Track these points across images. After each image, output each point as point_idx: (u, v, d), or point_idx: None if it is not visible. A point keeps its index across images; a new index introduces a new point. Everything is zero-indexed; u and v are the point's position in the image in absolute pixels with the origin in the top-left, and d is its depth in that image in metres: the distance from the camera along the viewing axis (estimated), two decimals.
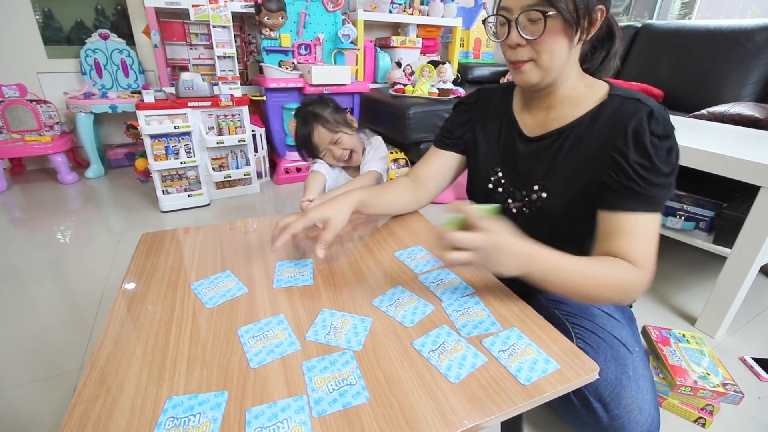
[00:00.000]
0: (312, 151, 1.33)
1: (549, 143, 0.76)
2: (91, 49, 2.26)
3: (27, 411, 0.86)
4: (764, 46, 1.90)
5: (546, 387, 0.48)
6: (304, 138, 1.30)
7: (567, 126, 0.74)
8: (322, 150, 1.32)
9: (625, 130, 0.66)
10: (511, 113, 0.84)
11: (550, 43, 0.65)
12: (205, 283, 0.70)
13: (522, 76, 0.70)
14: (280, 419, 0.45)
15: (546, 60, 0.67)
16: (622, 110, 0.69)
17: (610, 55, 0.76)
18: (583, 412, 0.71)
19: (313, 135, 1.29)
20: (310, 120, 1.29)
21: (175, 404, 0.47)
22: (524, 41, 0.66)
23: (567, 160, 0.74)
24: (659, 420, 0.71)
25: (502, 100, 0.87)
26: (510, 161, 0.82)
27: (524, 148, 0.80)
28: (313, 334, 0.58)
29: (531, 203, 0.78)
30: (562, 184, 0.74)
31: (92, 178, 2.28)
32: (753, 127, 1.56)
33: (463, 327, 0.59)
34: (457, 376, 0.50)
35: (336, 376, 0.51)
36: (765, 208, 0.99)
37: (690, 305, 1.28)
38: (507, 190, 0.82)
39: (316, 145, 1.30)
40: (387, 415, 0.45)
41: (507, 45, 0.69)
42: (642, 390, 0.69)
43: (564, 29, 0.64)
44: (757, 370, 1.02)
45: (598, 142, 0.70)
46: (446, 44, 3.04)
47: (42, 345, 1.05)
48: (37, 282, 1.32)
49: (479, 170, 0.88)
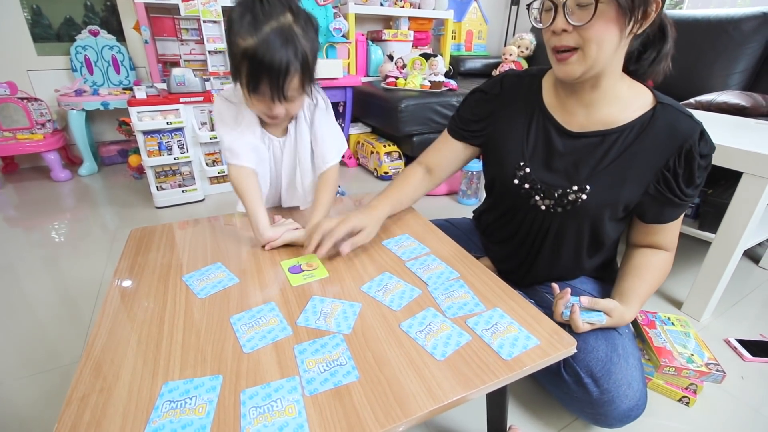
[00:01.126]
0: (259, 93, 0.74)
1: (594, 143, 0.73)
2: (81, 46, 2.25)
3: (25, 404, 0.87)
4: (751, 35, 1.93)
5: (527, 361, 0.51)
6: (267, 66, 0.69)
7: (614, 129, 0.71)
8: (263, 96, 0.75)
9: (680, 150, 0.68)
10: (544, 107, 0.78)
11: (600, 30, 0.60)
12: (197, 274, 0.71)
13: (566, 69, 0.65)
14: (274, 399, 0.47)
15: (593, 50, 0.62)
16: (676, 126, 0.69)
17: (660, 56, 0.71)
18: (575, 387, 0.74)
19: (286, 80, 0.72)
20: (292, 46, 0.69)
21: (171, 389, 0.48)
22: (571, 27, 0.61)
23: (615, 166, 0.72)
24: (647, 396, 0.74)
25: (531, 89, 0.81)
26: (543, 157, 0.78)
27: (563, 144, 0.76)
28: (304, 319, 0.60)
29: (567, 203, 0.75)
30: (606, 188, 0.73)
31: (86, 176, 2.27)
32: (739, 115, 1.59)
33: (449, 309, 0.61)
34: (442, 354, 0.52)
35: (327, 357, 0.53)
36: (747, 193, 1.02)
37: (676, 290, 1.31)
38: (535, 188, 0.78)
39: (278, 88, 0.72)
40: (376, 391, 0.47)
41: (551, 31, 0.63)
42: (631, 367, 0.73)
43: (617, 17, 0.59)
44: (741, 350, 1.05)
45: (651, 154, 0.70)
46: (438, 37, 3.04)
47: (39, 340, 1.06)
48: (33, 280, 1.33)
49: (502, 165, 0.83)
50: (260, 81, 0.71)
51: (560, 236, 0.81)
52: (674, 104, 0.71)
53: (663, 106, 0.70)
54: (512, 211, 0.86)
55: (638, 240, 0.84)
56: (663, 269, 0.81)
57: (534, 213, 0.81)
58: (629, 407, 0.71)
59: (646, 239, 0.82)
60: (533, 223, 0.82)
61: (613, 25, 0.60)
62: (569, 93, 0.75)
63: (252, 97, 0.76)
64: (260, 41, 0.67)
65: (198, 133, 1.87)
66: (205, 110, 1.91)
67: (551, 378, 0.79)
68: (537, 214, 0.80)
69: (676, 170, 0.69)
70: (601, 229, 0.78)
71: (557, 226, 0.80)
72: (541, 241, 0.84)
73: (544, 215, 0.80)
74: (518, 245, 0.88)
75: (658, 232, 0.80)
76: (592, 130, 0.73)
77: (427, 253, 0.77)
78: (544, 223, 0.81)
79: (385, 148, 2.25)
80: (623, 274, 0.82)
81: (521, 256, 0.89)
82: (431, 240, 0.82)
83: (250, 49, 0.68)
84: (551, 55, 0.68)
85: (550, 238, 0.82)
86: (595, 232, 0.80)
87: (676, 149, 0.68)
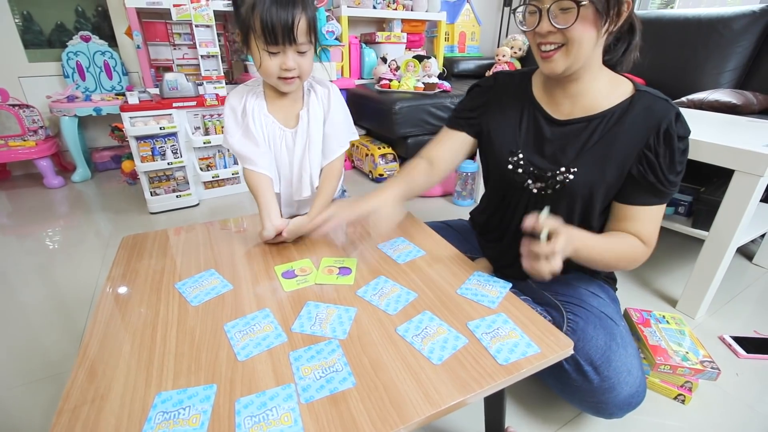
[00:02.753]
0: (273, 39, 0.77)
1: (579, 129, 0.78)
2: (73, 52, 2.23)
3: (18, 413, 0.87)
4: (741, 34, 1.94)
5: (524, 364, 0.51)
6: (276, 6, 0.74)
7: (597, 115, 0.77)
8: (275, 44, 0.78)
9: (658, 129, 0.72)
10: (534, 99, 0.85)
11: (581, 31, 0.66)
12: (189, 282, 0.71)
13: (551, 65, 0.72)
14: (269, 407, 0.47)
15: (575, 49, 0.68)
16: (654, 108, 0.73)
17: (630, 48, 0.78)
18: (575, 376, 0.74)
19: (295, 20, 0.76)
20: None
21: (164, 399, 0.48)
22: (555, 29, 0.67)
23: (598, 147, 0.77)
24: (645, 384, 0.75)
25: (521, 84, 0.88)
26: (534, 143, 0.84)
27: (552, 131, 0.82)
28: (299, 325, 0.59)
29: (555, 184, 0.80)
30: (590, 168, 0.77)
31: (79, 182, 2.26)
32: (731, 113, 1.60)
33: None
34: (439, 358, 0.52)
35: (323, 364, 0.52)
36: (739, 190, 1.02)
37: (671, 288, 1.32)
38: (528, 171, 0.83)
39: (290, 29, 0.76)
40: (373, 397, 0.47)
41: (537, 33, 0.70)
42: (630, 355, 0.74)
43: (594, 19, 0.66)
44: (735, 348, 1.06)
45: (631, 135, 0.74)
46: (431, 39, 3.05)
47: (33, 349, 1.05)
48: (26, 287, 1.32)
49: (496, 153, 0.88)
50: (274, 25, 0.75)
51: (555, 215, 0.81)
52: (651, 91, 0.76)
53: (641, 93, 0.76)
54: (507, 198, 0.89)
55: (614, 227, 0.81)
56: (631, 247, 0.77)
57: (527, 197, 0.84)
58: (630, 394, 0.72)
59: (623, 226, 0.80)
60: (527, 208, 0.85)
61: (592, 25, 0.66)
62: (555, 86, 0.80)
63: (265, 51, 0.80)
64: None
65: (191, 137, 1.86)
66: (198, 115, 1.90)
67: (551, 370, 0.79)
68: (530, 197, 0.84)
69: (656, 149, 0.73)
70: (590, 211, 0.81)
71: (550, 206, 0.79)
72: None
73: (536, 198, 0.83)
74: (513, 237, 0.88)
75: (636, 218, 0.78)
76: (577, 117, 0.79)
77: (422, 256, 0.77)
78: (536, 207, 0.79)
79: (379, 150, 2.25)
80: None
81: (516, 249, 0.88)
82: (427, 243, 0.82)
83: (258, 1, 0.75)
84: (536, 53, 0.74)
85: None
86: (584, 215, 0.81)
87: (654, 129, 0.72)
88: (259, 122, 0.92)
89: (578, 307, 0.80)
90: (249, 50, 0.82)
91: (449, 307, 0.63)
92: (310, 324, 0.59)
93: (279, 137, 0.94)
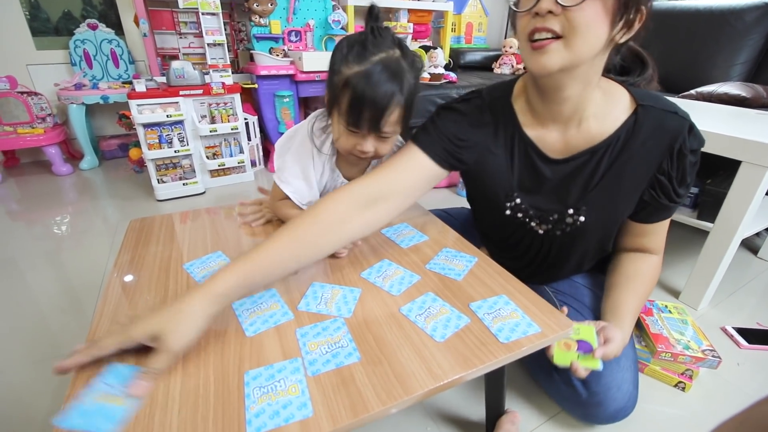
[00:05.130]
0: (356, 123, 0.67)
1: (581, 164, 0.69)
2: (80, 40, 2.25)
3: (28, 391, 0.89)
4: (753, 26, 1.92)
5: (525, 342, 0.52)
6: (371, 94, 0.64)
7: (600, 145, 0.67)
8: (358, 128, 0.69)
9: (671, 151, 0.65)
10: (522, 131, 0.72)
11: (591, 16, 0.52)
12: (197, 263, 0.72)
13: (543, 58, 0.56)
14: (277, 379, 0.48)
15: (578, 41, 0.54)
16: (665, 127, 0.64)
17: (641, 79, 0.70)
18: (564, 387, 0.75)
19: (387, 111, 0.66)
20: (399, 79, 0.65)
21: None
22: (559, 8, 0.52)
23: (606, 182, 0.68)
24: (636, 397, 0.76)
25: (505, 114, 0.73)
26: (531, 185, 0.74)
27: (551, 170, 0.71)
28: (305, 304, 0.60)
29: (566, 226, 0.73)
30: (601, 206, 0.70)
31: (87, 170, 2.28)
32: (740, 106, 1.58)
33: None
34: (442, 336, 0.53)
35: (328, 340, 0.54)
36: (746, 182, 1.02)
37: (674, 279, 1.32)
38: (529, 215, 0.75)
39: (378, 120, 0.66)
40: (378, 371, 0.48)
41: (533, 13, 0.54)
42: (622, 369, 0.73)
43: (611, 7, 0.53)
44: (737, 338, 1.06)
45: (642, 161, 0.66)
46: (438, 29, 3.03)
47: (42, 331, 1.07)
48: (36, 272, 1.34)
49: (490, 200, 0.78)
50: (361, 110, 0.65)
51: (564, 254, 0.80)
52: (656, 102, 0.66)
53: (644, 109, 0.65)
54: (508, 232, 0.82)
55: (627, 243, 0.81)
56: (653, 278, 0.80)
57: (532, 236, 0.78)
58: (617, 409, 0.73)
59: (635, 242, 0.80)
60: (532, 245, 0.80)
61: (603, 17, 0.53)
62: (545, 108, 0.68)
63: (347, 130, 0.70)
64: (368, 70, 0.64)
65: (198, 126, 1.87)
66: (204, 103, 1.91)
67: (544, 377, 0.81)
68: (535, 237, 0.78)
69: (670, 173, 0.67)
70: (605, 242, 0.79)
71: (558, 247, 0.78)
72: (542, 259, 0.82)
73: (544, 238, 0.77)
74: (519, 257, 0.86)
75: (648, 233, 0.77)
76: (578, 151, 0.68)
77: (425, 240, 0.78)
78: (544, 245, 0.79)
79: None
80: (614, 285, 0.79)
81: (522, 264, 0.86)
82: (430, 229, 0.83)
83: (356, 77, 0.64)
84: (525, 45, 0.58)
85: (552, 256, 0.80)
86: (600, 245, 0.79)
87: (666, 150, 0.65)
88: (324, 177, 0.83)
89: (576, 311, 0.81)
90: (330, 117, 0.74)
91: (452, 289, 0.64)
92: (316, 303, 0.61)
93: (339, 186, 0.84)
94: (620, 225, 0.79)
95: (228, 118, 1.96)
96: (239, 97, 1.97)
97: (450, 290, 0.63)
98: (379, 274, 0.67)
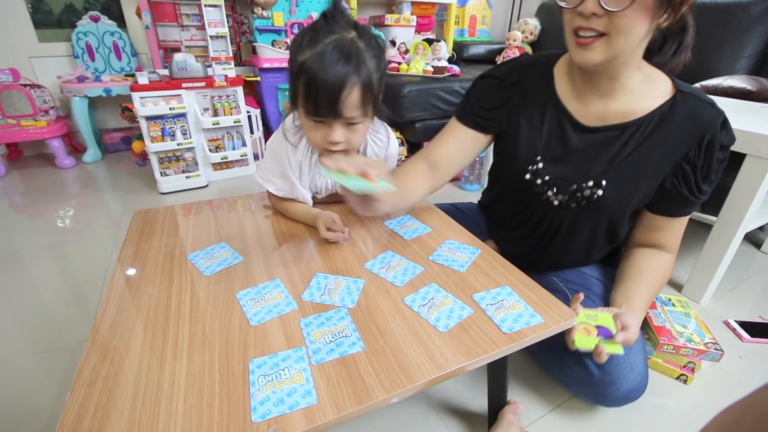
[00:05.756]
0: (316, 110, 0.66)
1: (611, 137, 0.70)
2: (82, 32, 2.24)
3: (33, 383, 0.90)
4: (759, 19, 1.90)
5: (527, 333, 0.52)
6: (323, 77, 0.63)
7: (633, 122, 0.68)
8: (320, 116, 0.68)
9: (701, 140, 0.65)
10: (557, 98, 0.74)
11: (634, 19, 0.55)
12: (201, 254, 0.72)
13: (587, 55, 0.60)
14: (282, 368, 0.48)
15: (621, 39, 0.57)
16: (699, 116, 0.65)
17: (682, 47, 0.67)
18: (577, 368, 0.75)
19: (343, 93, 0.64)
20: (354, 59, 0.64)
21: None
22: (602, 11, 0.55)
23: (632, 159, 0.69)
24: (647, 379, 0.76)
25: (542, 78, 0.76)
26: (557, 152, 0.75)
27: (579, 138, 0.72)
28: (309, 295, 0.61)
29: (582, 199, 0.73)
30: (623, 182, 0.70)
31: (90, 163, 2.28)
32: (745, 99, 1.57)
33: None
34: (445, 326, 0.53)
35: (332, 329, 0.54)
36: (750, 175, 1.02)
37: (677, 272, 1.31)
38: (548, 183, 0.76)
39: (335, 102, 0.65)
40: (381, 360, 0.48)
41: (577, 12, 0.57)
42: (634, 351, 0.74)
43: (653, 6, 0.55)
44: (740, 332, 1.06)
45: (671, 145, 0.67)
46: (441, 22, 3.00)
47: (47, 323, 1.08)
48: (39, 266, 1.35)
49: (513, 160, 0.79)
50: (317, 95, 0.64)
51: (573, 231, 0.79)
52: (695, 92, 0.68)
53: (683, 95, 0.67)
54: (522, 205, 0.83)
55: (641, 238, 0.81)
56: (665, 275, 0.79)
57: (546, 208, 0.78)
58: (629, 389, 0.72)
59: (650, 237, 0.79)
60: (545, 218, 0.80)
61: (647, 15, 0.55)
62: (585, 82, 0.70)
63: (311, 121, 0.69)
64: (317, 53, 0.63)
65: (201, 118, 1.87)
66: (207, 96, 1.91)
67: (553, 359, 0.81)
68: (549, 209, 0.78)
69: (695, 162, 0.67)
70: (618, 224, 0.77)
71: (570, 221, 0.78)
72: (552, 235, 0.82)
73: (557, 210, 0.77)
74: (528, 235, 0.86)
75: (664, 228, 0.77)
76: (610, 123, 0.69)
77: (428, 232, 0.78)
78: (556, 219, 0.79)
79: None
80: (627, 276, 0.78)
81: (530, 244, 0.87)
82: (434, 221, 0.83)
83: (307, 62, 0.63)
84: (570, 38, 0.61)
85: (563, 232, 0.80)
86: (610, 227, 0.78)
87: (696, 139, 0.65)
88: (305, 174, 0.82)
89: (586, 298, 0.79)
90: (298, 113, 0.73)
91: (455, 281, 0.64)
92: (320, 294, 0.61)
93: (329, 182, 0.86)
94: (637, 217, 0.79)
95: (231, 111, 1.95)
96: (242, 89, 1.97)
97: (453, 281, 0.64)
98: (383, 265, 0.67)
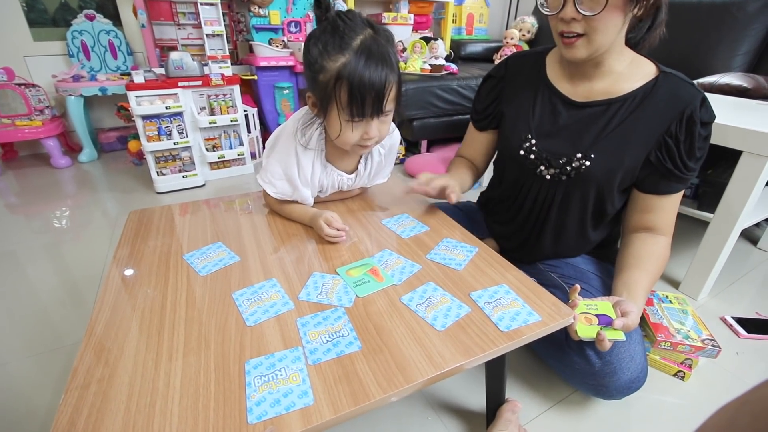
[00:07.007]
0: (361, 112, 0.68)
1: (598, 112, 0.76)
2: (77, 31, 2.22)
3: (29, 383, 0.89)
4: (756, 16, 1.90)
5: (525, 331, 0.52)
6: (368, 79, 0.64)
7: (618, 98, 0.75)
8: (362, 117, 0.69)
9: (681, 116, 0.70)
10: (548, 81, 0.83)
11: (607, 19, 0.64)
12: (197, 253, 0.72)
13: (573, 52, 0.70)
14: (278, 368, 0.48)
15: (599, 37, 0.66)
16: (679, 93, 0.71)
17: (655, 24, 0.74)
18: (577, 359, 0.75)
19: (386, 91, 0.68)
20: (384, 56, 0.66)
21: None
22: (580, 16, 0.64)
23: (618, 132, 0.75)
24: (647, 368, 0.76)
25: (534, 66, 0.86)
26: (548, 127, 0.82)
27: (569, 114, 0.80)
28: (306, 294, 0.61)
29: (571, 170, 0.78)
30: (608, 155, 0.75)
31: (85, 162, 2.27)
32: (741, 97, 1.58)
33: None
34: (442, 325, 0.53)
35: (329, 329, 0.54)
36: (746, 172, 1.02)
37: (674, 269, 1.32)
38: (541, 157, 0.82)
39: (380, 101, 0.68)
40: (378, 360, 0.48)
41: (559, 18, 0.67)
42: (634, 342, 0.75)
43: (623, 5, 0.63)
44: (737, 328, 1.07)
45: (653, 120, 0.72)
46: (438, 20, 3.00)
47: (43, 323, 1.07)
48: (35, 266, 1.34)
49: (508, 138, 0.88)
50: (364, 98, 0.66)
51: (565, 206, 0.83)
52: (677, 74, 0.74)
53: (666, 75, 0.73)
54: (518, 184, 0.89)
55: (636, 222, 0.83)
56: (663, 258, 0.81)
57: (539, 183, 0.83)
58: (630, 379, 0.73)
59: (644, 219, 0.82)
60: (538, 194, 0.85)
61: (619, 13, 0.63)
62: (575, 70, 0.78)
63: (349, 122, 0.70)
64: (353, 58, 0.64)
65: (197, 117, 1.86)
66: (203, 95, 1.90)
67: (553, 351, 0.81)
68: (542, 184, 0.83)
69: (678, 136, 0.72)
70: (605, 197, 0.80)
71: (562, 195, 0.82)
72: (546, 213, 0.85)
73: (549, 184, 0.82)
74: (523, 221, 0.90)
75: (655, 209, 0.80)
76: (596, 99, 0.76)
77: (425, 231, 0.78)
78: (549, 193, 0.83)
79: None
80: (626, 264, 0.80)
81: (526, 232, 0.91)
82: (432, 220, 0.83)
83: (346, 68, 0.64)
84: (557, 38, 0.71)
85: (555, 209, 0.84)
86: (598, 200, 0.81)
87: (677, 114, 0.71)
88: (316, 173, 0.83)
89: (584, 291, 0.80)
90: (325, 118, 0.73)
91: (452, 279, 0.64)
92: (317, 293, 0.61)
93: (336, 181, 0.88)
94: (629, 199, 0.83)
95: (227, 110, 1.95)
96: (239, 88, 1.96)
97: (451, 280, 0.63)
98: (380, 263, 0.67)
